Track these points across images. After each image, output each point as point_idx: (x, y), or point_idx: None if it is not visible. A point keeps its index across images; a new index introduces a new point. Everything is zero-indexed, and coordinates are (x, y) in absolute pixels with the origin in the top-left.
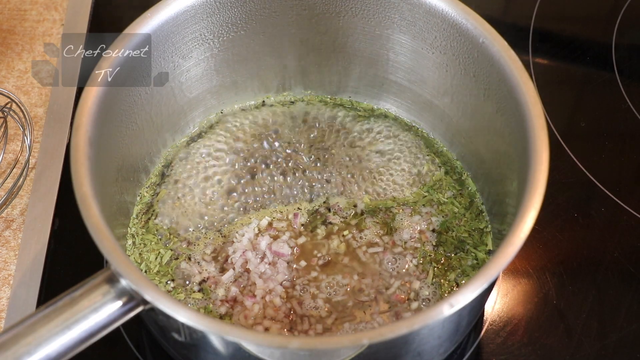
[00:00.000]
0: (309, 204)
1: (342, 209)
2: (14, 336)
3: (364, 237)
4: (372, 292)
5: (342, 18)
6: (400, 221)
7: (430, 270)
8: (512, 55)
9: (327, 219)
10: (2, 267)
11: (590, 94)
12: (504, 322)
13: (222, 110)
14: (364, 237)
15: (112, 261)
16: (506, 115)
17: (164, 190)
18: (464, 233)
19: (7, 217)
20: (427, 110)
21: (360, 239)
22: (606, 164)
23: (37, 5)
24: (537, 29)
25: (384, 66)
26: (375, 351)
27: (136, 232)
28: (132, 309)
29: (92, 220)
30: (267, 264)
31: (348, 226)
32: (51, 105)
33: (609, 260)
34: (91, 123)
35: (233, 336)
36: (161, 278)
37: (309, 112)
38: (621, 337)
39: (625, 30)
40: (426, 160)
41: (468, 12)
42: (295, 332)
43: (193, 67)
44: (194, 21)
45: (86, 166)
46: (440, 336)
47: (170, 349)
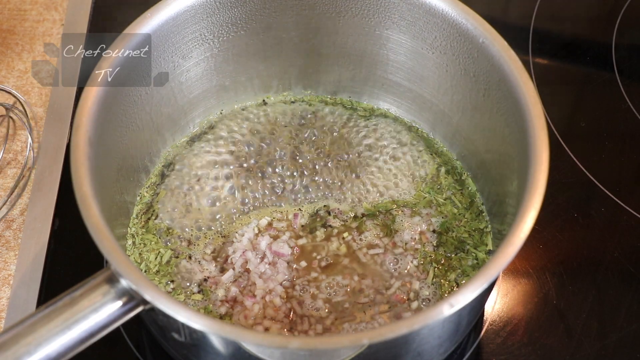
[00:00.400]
0: (310, 204)
1: (342, 212)
2: (14, 336)
3: (364, 239)
4: (372, 293)
5: (342, 18)
6: (400, 223)
7: (430, 271)
8: (512, 55)
9: (327, 222)
10: (2, 267)
11: (590, 94)
12: (504, 322)
13: (222, 110)
14: (364, 239)
15: (112, 261)
16: (506, 115)
17: (164, 190)
18: (464, 233)
19: (7, 217)
20: (427, 110)
21: (361, 241)
22: (606, 164)
23: (37, 5)
24: (537, 29)
25: (384, 66)
26: (375, 351)
27: (136, 232)
28: (132, 309)
29: (92, 220)
30: (267, 264)
31: (348, 229)
32: (51, 105)
33: (609, 260)
34: (91, 123)
35: (233, 336)
36: (161, 278)
37: (309, 112)
38: (621, 337)
39: (625, 30)
40: (426, 161)
41: (468, 12)
42: (295, 332)
43: (193, 67)
44: (194, 21)
45: (86, 166)
46: (440, 336)
47: (170, 349)
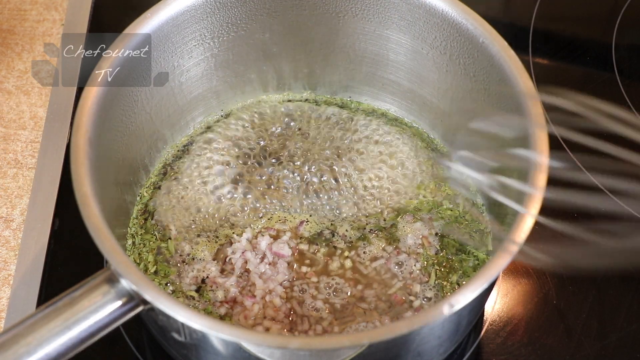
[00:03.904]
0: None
1: (347, 235)
2: (14, 336)
3: (368, 252)
4: (374, 300)
5: (342, 18)
6: (402, 229)
7: (432, 273)
8: (512, 55)
9: (332, 243)
10: (2, 267)
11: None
12: (504, 322)
13: (222, 110)
14: (368, 252)
15: (112, 261)
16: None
17: (164, 190)
18: (465, 235)
19: (7, 217)
20: (427, 110)
21: (364, 254)
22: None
23: (37, 5)
24: (537, 29)
25: (384, 66)
26: (375, 351)
27: (136, 232)
28: (132, 309)
29: (92, 220)
30: (267, 264)
31: (352, 247)
32: (51, 105)
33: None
34: (91, 123)
35: (233, 336)
36: (161, 279)
37: (309, 112)
38: (621, 337)
39: (625, 30)
40: (426, 161)
41: (468, 12)
42: (295, 332)
43: (193, 67)
44: (194, 21)
45: (86, 166)
46: (440, 336)
47: (170, 349)
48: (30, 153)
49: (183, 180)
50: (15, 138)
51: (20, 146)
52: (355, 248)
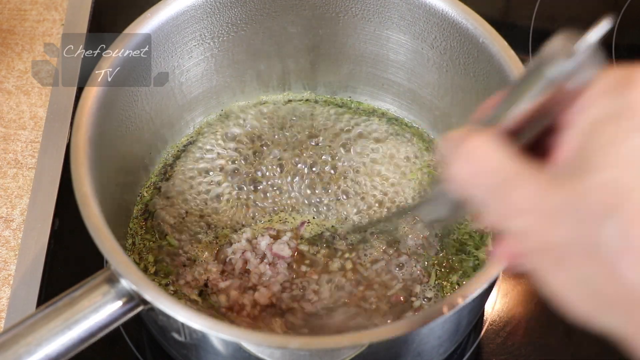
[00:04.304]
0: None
1: (347, 237)
2: (14, 336)
3: (369, 254)
4: (374, 300)
5: (342, 18)
6: (403, 230)
7: (432, 273)
8: (511, 55)
9: (333, 245)
10: (2, 267)
11: None
12: (504, 322)
13: (222, 110)
14: (369, 254)
15: (112, 261)
16: None
17: (164, 190)
18: (465, 235)
19: (7, 217)
20: (427, 110)
21: (365, 256)
22: None
23: (37, 5)
24: (537, 29)
25: (384, 66)
26: (375, 351)
27: (136, 232)
28: (132, 309)
29: (92, 220)
30: (267, 264)
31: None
32: (51, 105)
33: None
34: (91, 123)
35: (233, 336)
36: (161, 279)
37: (309, 112)
38: None
39: (625, 30)
40: (426, 161)
41: (468, 12)
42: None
43: (193, 67)
44: (194, 21)
45: (86, 166)
46: (440, 336)
47: (170, 349)
48: (30, 153)
49: (183, 180)
50: (15, 138)
51: (20, 146)
52: (356, 250)
